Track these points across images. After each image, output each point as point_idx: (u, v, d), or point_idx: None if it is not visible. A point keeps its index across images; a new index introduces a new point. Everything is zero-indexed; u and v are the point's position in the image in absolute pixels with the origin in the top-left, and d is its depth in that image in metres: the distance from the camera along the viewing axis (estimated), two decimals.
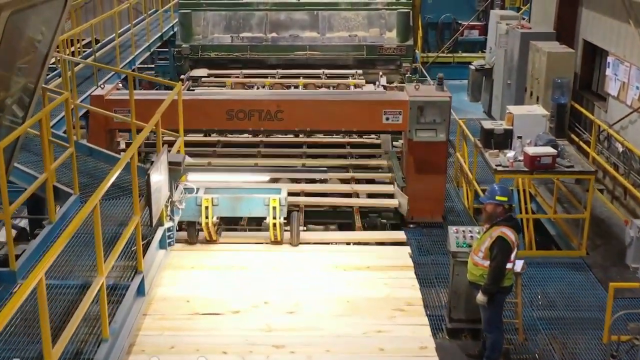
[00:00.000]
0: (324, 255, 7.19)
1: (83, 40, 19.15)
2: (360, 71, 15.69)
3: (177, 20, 16.92)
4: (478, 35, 20.63)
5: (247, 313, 6.09)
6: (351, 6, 16.40)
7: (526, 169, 9.69)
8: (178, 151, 7.66)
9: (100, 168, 8.82)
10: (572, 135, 13.03)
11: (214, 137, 11.07)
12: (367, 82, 14.99)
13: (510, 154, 9.93)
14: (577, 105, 13.15)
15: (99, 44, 15.64)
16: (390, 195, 9.58)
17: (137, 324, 5.83)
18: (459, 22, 20.90)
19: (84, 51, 16.06)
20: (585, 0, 13.66)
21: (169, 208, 7.03)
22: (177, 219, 7.26)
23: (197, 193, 7.42)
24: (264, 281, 6.66)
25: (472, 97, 17.79)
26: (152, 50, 16.77)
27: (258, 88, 12.77)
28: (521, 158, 9.82)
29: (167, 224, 7.02)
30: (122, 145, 11.26)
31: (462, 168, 12.06)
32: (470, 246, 7.73)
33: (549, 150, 9.63)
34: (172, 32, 18.64)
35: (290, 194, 7.69)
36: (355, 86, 13.05)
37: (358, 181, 9.90)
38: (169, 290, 6.51)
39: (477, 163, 11.18)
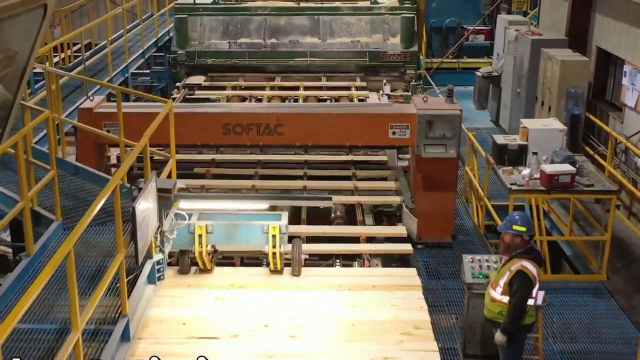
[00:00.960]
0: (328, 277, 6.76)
1: (77, 44, 18.64)
2: (362, 76, 15.24)
3: (172, 25, 16.31)
4: (484, 40, 20.02)
5: (246, 337, 5.78)
6: (353, 11, 15.83)
7: (543, 188, 9.07)
8: (169, 174, 7.04)
9: (86, 189, 8.20)
10: (587, 148, 12.43)
11: (208, 155, 10.38)
12: (370, 90, 14.48)
13: (526, 171, 9.31)
14: (591, 116, 12.54)
15: (91, 50, 15.03)
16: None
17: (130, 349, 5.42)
18: (464, 26, 20.28)
19: (78, 56, 15.46)
20: (599, 6, 13.05)
21: (158, 239, 6.41)
22: (167, 249, 6.64)
23: (190, 220, 6.82)
24: (263, 302, 6.30)
25: (478, 105, 17.17)
26: (146, 56, 16.13)
27: (257, 100, 12.18)
28: (537, 176, 9.21)
29: (157, 257, 6.40)
30: (113, 160, 10.65)
31: (471, 183, 11.45)
32: (487, 277, 7.11)
33: (568, 168, 9.02)
34: (167, 38, 18.04)
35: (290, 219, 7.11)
36: (359, 98, 12.42)
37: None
38: (164, 311, 6.11)
39: (489, 178, 10.55)
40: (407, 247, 7.56)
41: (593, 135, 12.83)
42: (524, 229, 6.48)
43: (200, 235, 6.79)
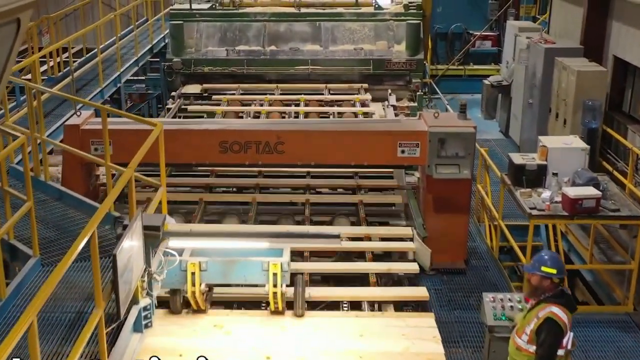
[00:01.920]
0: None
1: (73, 48, 17.91)
2: (366, 86, 14.60)
3: (168, 31, 15.64)
4: (491, 47, 19.37)
5: None
6: (356, 17, 15.22)
7: (565, 214, 8.39)
8: (159, 206, 6.37)
9: (69, 217, 7.53)
10: (604, 163, 11.75)
11: (200, 180, 9.69)
12: (374, 100, 13.85)
13: (546, 194, 8.63)
14: (609, 130, 11.87)
15: (83, 58, 14.33)
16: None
17: None
18: (470, 32, 19.61)
19: (75, 60, 14.78)
20: (615, 12, 12.38)
21: (145, 281, 5.73)
22: (156, 291, 5.96)
23: (181, 255, 6.14)
24: (265, 331, 5.91)
25: (486, 114, 16.48)
26: (140, 64, 15.42)
27: (255, 114, 11.53)
28: (558, 199, 8.53)
29: (143, 302, 5.72)
30: (103, 179, 9.97)
31: (483, 201, 10.77)
32: (510, 320, 6.44)
33: (592, 191, 8.34)
34: (163, 44, 17.36)
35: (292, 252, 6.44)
36: (364, 112, 11.76)
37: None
38: (160, 341, 5.68)
39: (504, 198, 9.86)
40: (422, 292, 6.86)
41: (610, 149, 12.16)
42: (554, 271, 5.79)
43: (193, 273, 6.14)
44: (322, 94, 13.85)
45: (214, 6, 15.36)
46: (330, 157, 9.29)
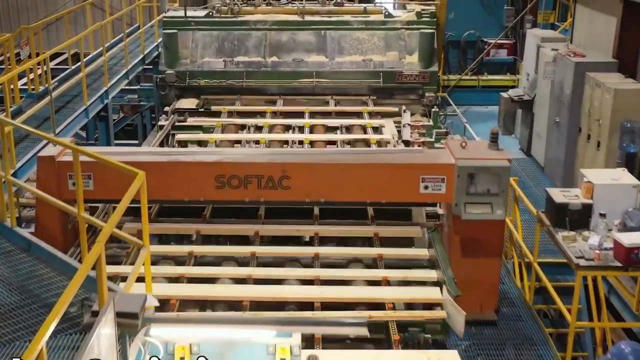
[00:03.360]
0: None
1: (62, 54, 16.73)
2: (375, 99, 13.48)
3: (161, 39, 14.46)
4: (506, 56, 18.19)
5: None
6: (365, 25, 14.10)
7: (619, 264, 7.22)
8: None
9: (37, 276, 6.33)
10: None
11: (190, 226, 8.48)
12: (383, 116, 12.74)
13: (594, 239, 7.46)
14: None
15: (67, 71, 13.15)
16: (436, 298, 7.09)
17: None
18: (484, 40, 18.43)
19: (59, 71, 13.60)
20: None
21: None
22: None
23: (167, 335, 4.96)
24: None
25: (504, 130, 15.23)
26: (130, 77, 14.23)
27: (256, 139, 10.38)
28: (608, 246, 7.36)
29: None
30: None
31: (512, 236, 9.58)
32: None
33: None
34: (156, 53, 16.19)
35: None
36: (376, 138, 10.64)
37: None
38: None
39: (539, 237, 8.70)
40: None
41: None
42: None
43: (182, 359, 4.97)
44: (329, 113, 12.75)
45: (210, 13, 14.23)
46: (342, 194, 8.09)
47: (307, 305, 6.70)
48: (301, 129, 11.39)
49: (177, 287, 7.18)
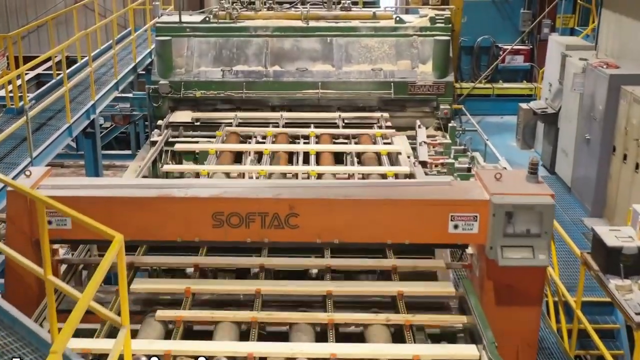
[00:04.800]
0: None
1: (56, 58, 15.63)
2: (386, 111, 12.41)
3: (154, 46, 13.40)
4: (523, 62, 17.14)
5: None
6: (375, 32, 13.04)
7: None
8: None
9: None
10: None
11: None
12: (396, 131, 11.68)
13: None
14: None
15: (51, 82, 12.05)
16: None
17: None
18: (499, 45, 17.38)
19: (46, 78, 12.50)
20: None
21: None
22: None
23: None
24: None
25: (522, 144, 14.23)
26: (120, 89, 13.12)
27: (256, 149, 9.29)
28: None
29: None
30: (61, 255, 7.71)
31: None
32: None
33: None
34: (149, 60, 15.12)
35: None
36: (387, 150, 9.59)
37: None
38: None
39: (582, 283, 7.62)
40: None
41: None
42: None
43: None
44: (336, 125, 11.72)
45: (207, 19, 13.16)
46: (359, 234, 6.97)
47: None
48: (306, 156, 10.14)
49: (172, 343, 6.15)
